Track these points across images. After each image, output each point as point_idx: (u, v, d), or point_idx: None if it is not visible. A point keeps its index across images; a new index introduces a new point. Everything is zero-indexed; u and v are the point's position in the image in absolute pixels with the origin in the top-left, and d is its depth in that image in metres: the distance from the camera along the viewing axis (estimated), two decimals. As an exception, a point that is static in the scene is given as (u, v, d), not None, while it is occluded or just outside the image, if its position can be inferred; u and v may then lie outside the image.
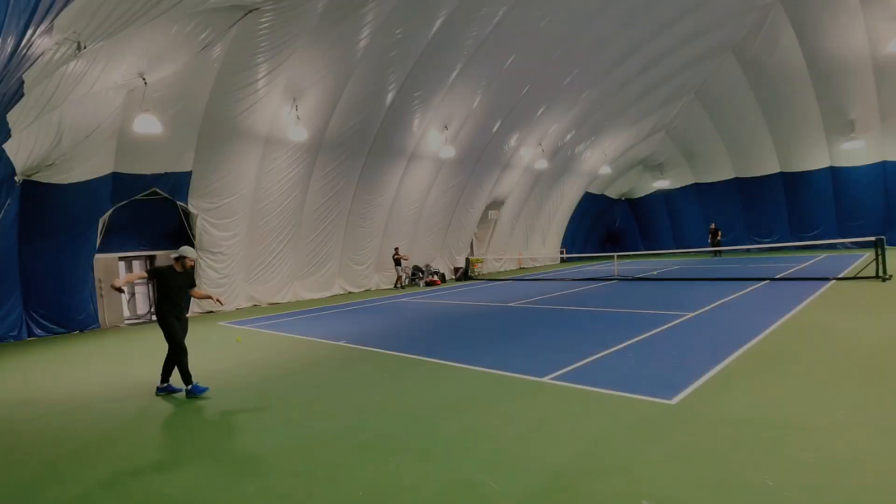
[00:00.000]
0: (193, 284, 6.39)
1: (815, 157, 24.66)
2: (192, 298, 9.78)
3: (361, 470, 3.64)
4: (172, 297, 6.04)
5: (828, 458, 3.35)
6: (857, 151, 23.30)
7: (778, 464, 3.30)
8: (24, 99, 7.49)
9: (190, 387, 5.89)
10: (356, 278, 18.31)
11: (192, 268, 6.30)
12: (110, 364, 8.24)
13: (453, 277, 22.04)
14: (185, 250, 6.16)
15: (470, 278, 21.80)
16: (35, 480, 3.88)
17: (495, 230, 24.74)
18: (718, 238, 25.65)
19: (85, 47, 6.92)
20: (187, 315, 6.29)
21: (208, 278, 13.99)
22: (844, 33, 19.59)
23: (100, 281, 13.05)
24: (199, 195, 13.44)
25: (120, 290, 5.73)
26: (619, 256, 22.90)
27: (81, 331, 12.21)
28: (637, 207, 33.05)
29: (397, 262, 18.99)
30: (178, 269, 6.13)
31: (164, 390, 6.09)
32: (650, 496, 3.01)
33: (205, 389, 5.94)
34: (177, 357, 5.93)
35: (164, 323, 5.96)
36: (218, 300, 6.67)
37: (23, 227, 11.09)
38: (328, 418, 4.88)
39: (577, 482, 3.26)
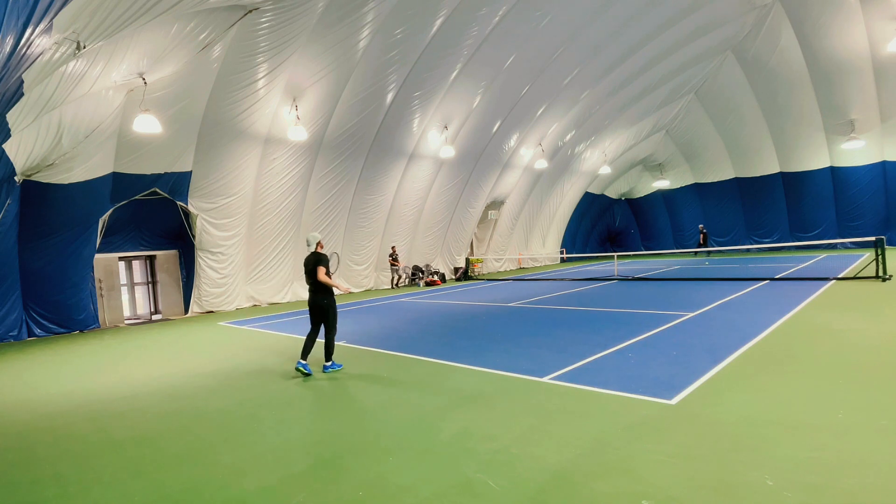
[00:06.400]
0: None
1: (815, 157, 24.67)
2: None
3: (361, 470, 3.64)
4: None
5: (828, 458, 3.34)
6: (857, 151, 23.32)
7: (778, 464, 3.30)
8: (23, 99, 7.50)
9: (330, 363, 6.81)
10: (356, 278, 18.32)
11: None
12: (111, 364, 8.23)
13: (453, 277, 22.04)
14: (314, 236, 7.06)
15: (470, 278, 21.80)
16: (35, 481, 3.88)
17: (495, 230, 24.74)
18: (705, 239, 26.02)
19: (84, 47, 6.92)
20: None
21: (208, 278, 14.01)
22: (844, 33, 19.60)
23: (100, 281, 13.05)
24: (199, 195, 13.45)
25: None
26: (619, 256, 22.88)
27: (81, 331, 12.21)
28: (637, 207, 33.05)
29: (394, 262, 19.00)
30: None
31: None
32: (650, 496, 3.01)
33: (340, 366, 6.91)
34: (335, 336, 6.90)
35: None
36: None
37: (23, 227, 11.10)
38: (328, 418, 4.88)
39: (577, 482, 3.25)
